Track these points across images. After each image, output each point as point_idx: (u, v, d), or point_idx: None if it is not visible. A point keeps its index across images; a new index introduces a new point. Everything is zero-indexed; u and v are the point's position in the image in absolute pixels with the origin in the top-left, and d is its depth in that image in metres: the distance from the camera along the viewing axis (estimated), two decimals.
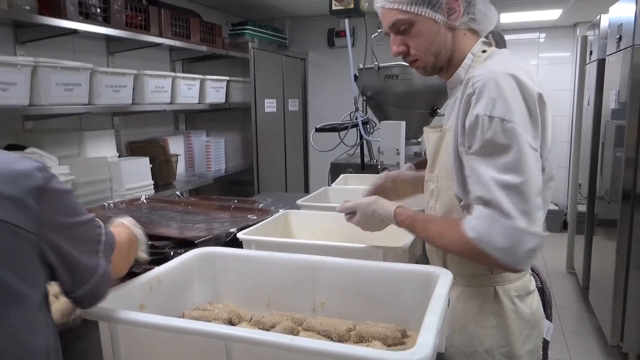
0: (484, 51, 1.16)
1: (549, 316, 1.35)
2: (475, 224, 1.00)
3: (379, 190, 1.51)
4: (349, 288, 1.05)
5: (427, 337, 0.71)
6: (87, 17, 2.53)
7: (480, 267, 1.17)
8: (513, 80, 1.01)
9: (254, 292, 1.13)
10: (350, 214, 1.30)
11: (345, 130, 2.91)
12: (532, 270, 1.33)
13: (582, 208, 3.94)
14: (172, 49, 3.63)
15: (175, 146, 3.56)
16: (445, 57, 1.17)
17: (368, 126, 3.01)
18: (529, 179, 0.98)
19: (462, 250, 1.05)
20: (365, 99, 3.10)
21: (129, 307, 0.90)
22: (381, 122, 2.85)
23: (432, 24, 1.12)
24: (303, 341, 0.72)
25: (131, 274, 1.06)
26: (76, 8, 2.44)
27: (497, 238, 0.96)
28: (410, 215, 1.17)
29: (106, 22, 2.66)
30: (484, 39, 1.20)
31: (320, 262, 1.07)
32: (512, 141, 0.98)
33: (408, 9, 1.12)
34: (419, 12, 1.11)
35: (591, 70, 3.83)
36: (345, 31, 2.90)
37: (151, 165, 2.99)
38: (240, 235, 1.42)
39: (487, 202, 0.98)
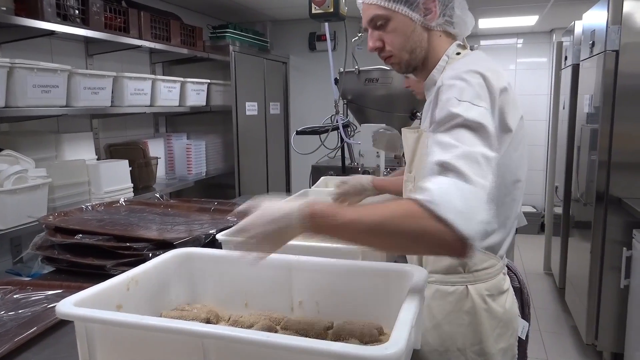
0: (458, 53, 1.19)
1: (526, 316, 1.37)
2: (429, 187, 0.85)
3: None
4: (327, 287, 1.06)
5: (400, 333, 0.72)
6: (65, 18, 2.51)
7: (454, 264, 1.19)
8: (479, 77, 1.03)
9: (233, 292, 1.13)
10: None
11: (326, 133, 2.92)
12: (509, 269, 1.35)
13: (559, 210, 4.02)
14: (152, 51, 3.61)
15: (156, 149, 3.54)
16: (420, 55, 1.19)
17: (349, 129, 3.03)
18: (492, 158, 0.91)
19: (405, 216, 0.84)
20: (345, 102, 3.13)
21: (106, 307, 0.89)
22: (361, 125, 2.87)
23: (408, 22, 1.15)
24: (279, 337, 0.73)
25: (107, 275, 1.06)
26: (54, 9, 2.42)
27: (455, 198, 0.83)
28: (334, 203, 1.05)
29: (85, 23, 2.63)
30: (459, 42, 1.22)
31: (298, 261, 1.07)
32: (482, 120, 0.94)
33: (386, 5, 1.15)
34: (397, 9, 1.14)
35: (566, 75, 3.92)
36: (325, 35, 2.92)
37: (130, 168, 2.96)
38: (219, 236, 1.42)
39: (446, 168, 0.88)
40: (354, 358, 0.66)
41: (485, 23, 5.05)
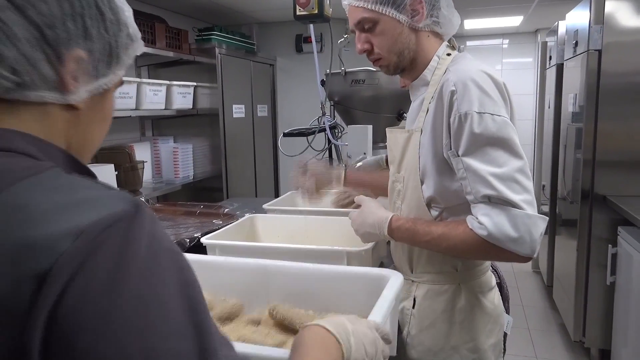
0: (448, 54, 1.19)
1: (507, 310, 1.38)
2: (483, 221, 1.00)
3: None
4: (303, 292, 1.04)
5: None
6: None
7: (446, 265, 1.19)
8: (487, 76, 1.04)
9: (210, 296, 1.12)
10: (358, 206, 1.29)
11: (313, 135, 2.92)
12: (490, 266, 1.36)
13: (546, 209, 4.05)
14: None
15: (142, 153, 3.51)
16: (408, 57, 1.18)
17: (336, 131, 3.03)
18: (523, 166, 1.01)
19: (472, 249, 1.04)
20: (332, 104, 3.13)
21: None
22: (348, 126, 2.88)
23: (395, 24, 1.14)
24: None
25: None
26: None
27: (509, 230, 0.97)
28: (410, 219, 1.15)
29: None
30: (447, 43, 1.22)
31: (274, 266, 1.06)
32: (504, 133, 1.01)
33: (373, 8, 1.13)
34: (383, 12, 1.12)
35: (551, 74, 3.95)
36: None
37: (116, 173, 2.93)
38: (204, 239, 1.41)
39: (491, 198, 0.99)
40: None
41: (471, 24, 5.08)
